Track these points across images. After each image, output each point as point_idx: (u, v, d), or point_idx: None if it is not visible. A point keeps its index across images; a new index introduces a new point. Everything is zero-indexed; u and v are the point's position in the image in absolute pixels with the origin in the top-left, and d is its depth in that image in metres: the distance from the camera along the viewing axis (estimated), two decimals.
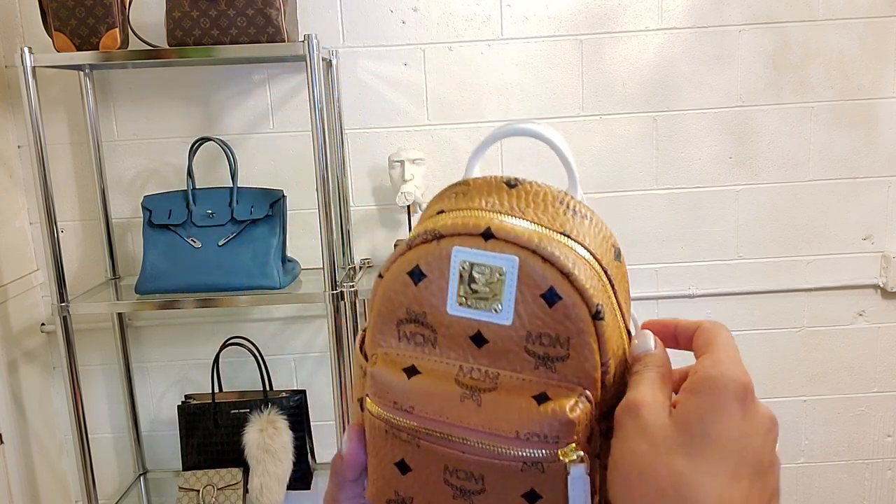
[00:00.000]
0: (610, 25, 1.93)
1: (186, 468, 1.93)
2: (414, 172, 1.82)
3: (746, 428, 0.35)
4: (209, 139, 1.83)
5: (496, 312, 0.37)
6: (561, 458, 0.35)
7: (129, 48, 1.74)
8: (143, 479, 2.12)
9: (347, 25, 1.94)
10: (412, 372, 0.39)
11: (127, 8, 1.73)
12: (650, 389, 0.37)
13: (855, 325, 2.10)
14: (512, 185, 0.40)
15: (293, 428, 1.89)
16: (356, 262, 2.02)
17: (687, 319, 0.41)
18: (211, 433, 1.92)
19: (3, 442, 1.87)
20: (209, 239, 1.78)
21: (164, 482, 2.16)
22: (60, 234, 1.94)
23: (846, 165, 2.01)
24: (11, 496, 1.90)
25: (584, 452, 0.35)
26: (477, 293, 0.38)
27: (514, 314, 0.37)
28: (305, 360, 2.10)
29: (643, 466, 0.34)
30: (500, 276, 0.37)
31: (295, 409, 1.92)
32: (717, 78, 1.96)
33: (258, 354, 1.95)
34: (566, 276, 0.36)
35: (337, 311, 1.73)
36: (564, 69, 1.96)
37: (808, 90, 1.97)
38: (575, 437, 0.35)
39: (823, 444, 2.16)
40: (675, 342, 0.41)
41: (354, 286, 1.76)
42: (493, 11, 1.93)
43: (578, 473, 0.35)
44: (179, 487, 1.90)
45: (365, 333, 0.43)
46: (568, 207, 0.39)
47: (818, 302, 2.08)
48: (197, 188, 1.83)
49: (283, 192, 1.84)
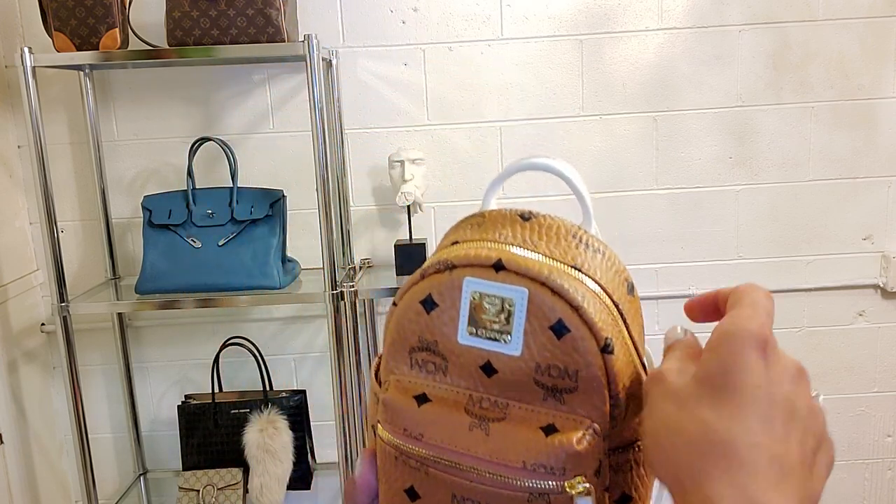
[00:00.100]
0: (610, 25, 1.93)
1: (186, 468, 1.93)
2: (414, 172, 1.82)
3: (770, 375, 0.35)
4: (209, 139, 1.83)
5: (506, 343, 0.38)
6: (567, 489, 0.36)
7: (129, 48, 1.74)
8: (143, 479, 2.12)
9: (347, 25, 1.94)
10: (423, 399, 0.39)
11: (127, 8, 1.73)
12: (675, 360, 0.38)
13: (855, 325, 2.10)
14: (526, 217, 0.40)
15: (293, 428, 1.89)
16: (356, 262, 2.02)
17: (727, 287, 0.41)
18: (211, 433, 1.92)
19: (3, 442, 1.87)
20: (209, 239, 1.78)
21: (164, 482, 2.16)
22: (60, 234, 1.94)
23: (846, 165, 2.01)
24: (11, 496, 1.90)
25: (590, 485, 0.36)
26: (487, 324, 0.38)
27: (523, 345, 0.37)
28: (305, 360, 2.10)
29: (671, 423, 0.35)
30: (509, 307, 0.37)
31: (295, 409, 1.92)
32: (717, 78, 1.96)
33: (258, 354, 1.95)
34: (575, 308, 0.36)
35: (337, 311, 1.73)
36: (564, 69, 1.96)
37: (808, 90, 1.97)
38: (582, 469, 0.36)
39: None
40: (717, 313, 0.41)
41: (354, 286, 1.76)
42: (493, 11, 1.93)
43: None
44: (179, 487, 1.91)
45: (380, 360, 0.44)
46: (581, 241, 0.40)
47: (818, 302, 2.08)
48: (197, 188, 1.83)
49: (283, 192, 1.84)
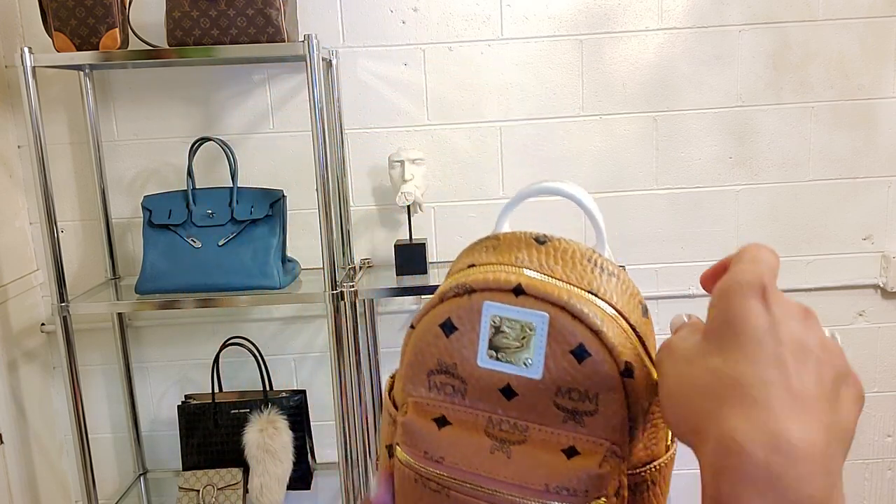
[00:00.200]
0: (610, 25, 1.93)
1: (186, 468, 1.93)
2: (414, 172, 1.82)
3: (774, 317, 0.35)
4: (209, 139, 1.83)
5: (526, 366, 0.38)
6: None
7: (129, 48, 1.74)
8: (143, 479, 2.12)
9: (347, 25, 1.94)
10: (442, 422, 0.40)
11: (127, 8, 1.73)
12: (682, 332, 0.38)
13: (855, 325, 2.10)
14: (541, 241, 0.41)
15: (293, 428, 1.89)
16: (356, 262, 2.02)
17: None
18: (211, 433, 1.92)
19: (3, 442, 1.87)
20: (209, 239, 1.78)
21: (164, 482, 2.16)
22: (60, 234, 1.94)
23: (846, 165, 2.01)
24: (11, 496, 1.90)
25: None
26: (507, 347, 0.38)
27: (543, 369, 0.38)
28: (305, 360, 2.10)
29: (684, 380, 0.35)
30: (530, 331, 0.38)
31: (295, 409, 1.92)
32: (717, 78, 1.96)
33: (258, 354, 1.95)
34: (595, 333, 0.37)
35: (337, 311, 1.73)
36: (564, 69, 1.96)
37: (808, 90, 1.97)
38: (603, 490, 0.36)
39: None
40: None
41: (354, 286, 1.76)
42: (493, 11, 1.93)
43: None
44: (179, 487, 1.91)
45: (394, 380, 0.44)
46: (596, 265, 0.40)
47: (818, 302, 2.08)
48: (197, 188, 1.83)
49: (283, 192, 1.84)
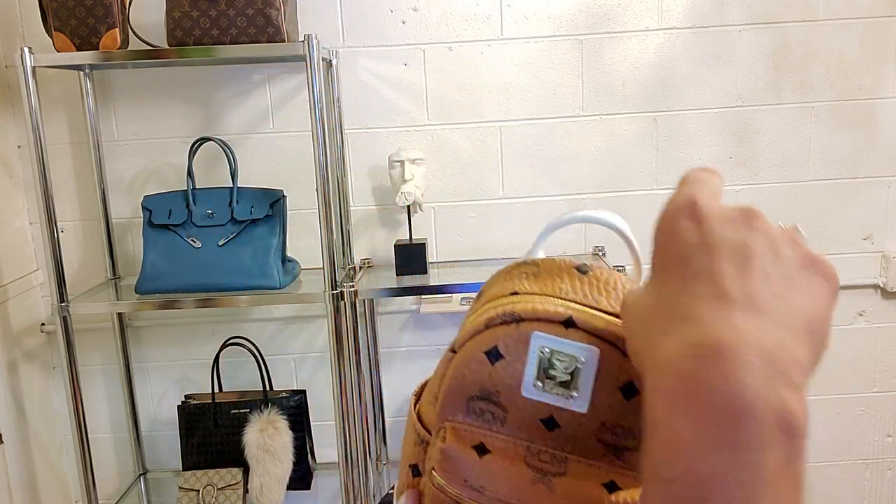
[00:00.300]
0: (610, 25, 1.93)
1: (186, 468, 1.93)
2: (414, 172, 1.82)
3: (705, 229, 0.33)
4: (209, 139, 1.83)
5: (572, 399, 0.38)
6: None
7: (129, 48, 1.74)
8: (143, 479, 2.12)
9: (347, 25, 1.94)
10: (482, 450, 0.39)
11: (127, 8, 1.73)
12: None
13: (855, 325, 2.10)
14: (583, 271, 0.41)
15: (293, 428, 1.89)
16: (356, 262, 2.02)
17: None
18: (211, 433, 1.92)
19: (3, 442, 1.87)
20: (209, 239, 1.78)
21: (164, 482, 2.16)
22: (60, 234, 1.94)
23: (846, 165, 2.01)
24: (11, 496, 1.90)
25: None
26: (555, 379, 0.38)
27: (589, 403, 0.38)
28: (305, 360, 2.10)
29: (637, 323, 0.35)
30: (579, 364, 0.38)
31: (295, 409, 1.92)
32: (717, 78, 1.96)
33: (258, 354, 1.95)
34: None
35: (337, 311, 1.73)
36: (564, 69, 1.96)
37: (808, 90, 1.97)
38: None
39: (823, 444, 2.16)
40: None
41: (354, 286, 1.76)
42: (493, 11, 1.93)
43: None
44: (179, 487, 1.91)
45: (419, 398, 0.44)
46: None
47: None
48: (197, 188, 1.83)
49: (283, 192, 1.84)
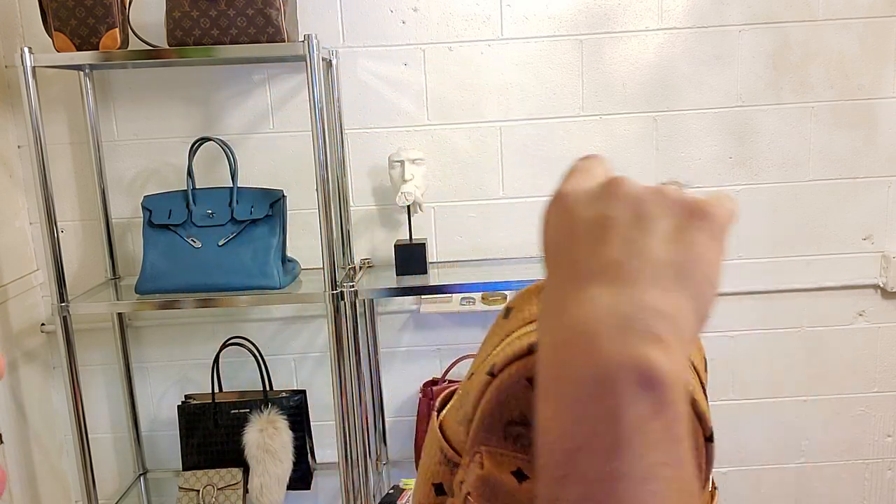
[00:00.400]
0: (610, 25, 1.93)
1: (186, 468, 1.93)
2: (414, 172, 1.82)
3: (567, 214, 0.35)
4: (209, 139, 1.83)
5: None
6: None
7: (129, 48, 1.74)
8: (143, 479, 2.12)
9: (347, 25, 1.94)
10: (521, 476, 0.39)
11: (127, 8, 1.73)
12: None
13: (855, 325, 2.10)
14: None
15: (293, 428, 1.89)
16: (356, 262, 2.02)
17: None
18: (211, 433, 1.92)
19: (3, 442, 1.87)
20: (209, 239, 1.78)
21: (164, 482, 2.16)
22: (60, 234, 1.93)
23: (846, 165, 2.01)
24: (11, 496, 1.90)
25: None
26: None
27: None
28: (305, 360, 2.10)
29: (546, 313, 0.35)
30: None
31: (295, 409, 1.92)
32: (717, 78, 1.96)
33: (258, 354, 1.95)
34: (691, 401, 0.37)
35: (337, 311, 1.73)
36: (564, 69, 1.96)
37: (808, 90, 1.97)
38: None
39: (823, 444, 2.16)
40: None
41: (354, 286, 1.76)
42: (493, 11, 1.93)
43: None
44: (179, 487, 1.91)
45: (442, 414, 0.44)
46: None
47: (818, 302, 2.08)
48: (197, 188, 1.83)
49: (283, 192, 1.84)
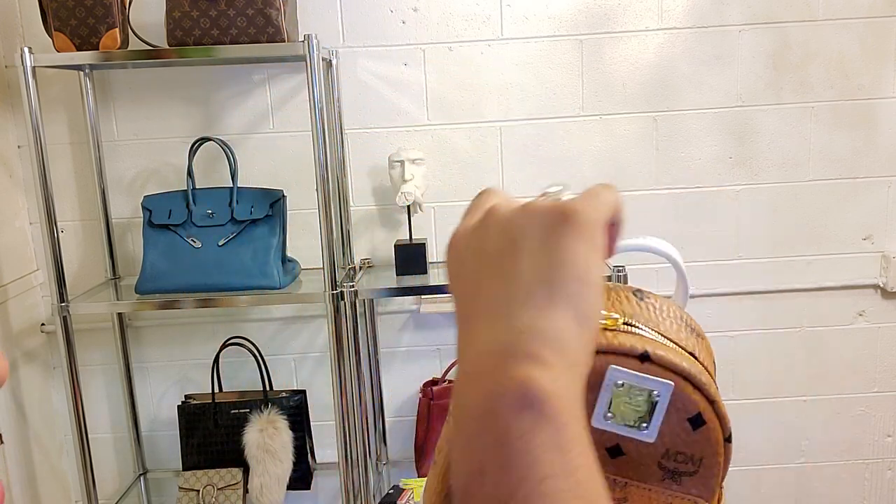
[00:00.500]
0: (610, 25, 1.93)
1: (186, 468, 1.93)
2: (414, 172, 1.82)
3: (454, 252, 0.38)
4: (209, 139, 1.83)
5: (641, 430, 0.39)
6: None
7: (129, 48, 1.74)
8: (143, 479, 2.12)
9: (347, 25, 1.94)
10: None
11: (127, 8, 1.73)
12: None
13: (855, 325, 2.10)
14: (640, 297, 0.43)
15: (293, 428, 1.89)
16: (356, 262, 2.02)
17: None
18: (211, 433, 1.92)
19: (3, 442, 1.87)
20: (209, 239, 1.78)
21: (164, 482, 2.16)
22: (60, 234, 1.93)
23: (846, 165, 2.01)
24: (11, 496, 1.90)
25: None
26: (627, 412, 0.39)
27: (657, 433, 0.39)
28: (305, 360, 2.10)
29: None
30: (652, 397, 0.39)
31: (295, 409, 1.92)
32: (717, 78, 1.96)
33: (258, 354, 1.95)
34: (712, 402, 0.39)
35: (337, 311, 1.73)
36: (564, 69, 1.96)
37: (808, 90, 1.97)
38: None
39: (823, 444, 2.16)
40: None
41: (354, 286, 1.76)
42: (493, 11, 1.93)
43: None
44: (179, 487, 1.91)
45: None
46: (687, 325, 0.42)
47: (818, 302, 2.08)
48: (197, 188, 1.83)
49: (283, 192, 1.84)
